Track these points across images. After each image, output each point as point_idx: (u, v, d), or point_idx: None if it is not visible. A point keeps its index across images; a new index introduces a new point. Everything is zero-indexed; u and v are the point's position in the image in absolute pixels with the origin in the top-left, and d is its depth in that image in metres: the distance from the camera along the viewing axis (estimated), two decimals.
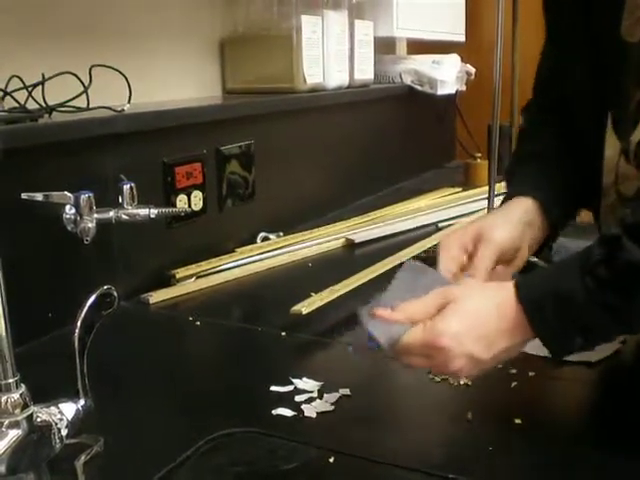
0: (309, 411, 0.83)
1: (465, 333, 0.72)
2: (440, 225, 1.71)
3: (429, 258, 1.00)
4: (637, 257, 0.68)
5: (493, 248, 0.87)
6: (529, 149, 1.04)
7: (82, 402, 0.71)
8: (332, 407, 0.85)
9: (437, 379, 0.91)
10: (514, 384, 0.89)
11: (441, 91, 2.27)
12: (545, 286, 0.73)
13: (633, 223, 0.71)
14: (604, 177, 0.90)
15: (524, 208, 0.92)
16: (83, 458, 0.72)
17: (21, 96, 1.13)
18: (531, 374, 0.91)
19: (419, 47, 2.56)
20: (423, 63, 2.29)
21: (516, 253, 0.90)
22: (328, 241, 1.58)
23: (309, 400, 0.86)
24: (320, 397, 0.87)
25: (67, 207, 1.05)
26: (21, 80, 1.13)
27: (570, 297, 0.70)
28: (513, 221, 0.90)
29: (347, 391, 0.88)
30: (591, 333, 0.72)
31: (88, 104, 1.20)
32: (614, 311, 0.69)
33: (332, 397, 0.87)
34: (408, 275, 0.81)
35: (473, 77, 2.46)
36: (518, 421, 0.80)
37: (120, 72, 1.24)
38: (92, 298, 0.70)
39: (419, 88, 2.27)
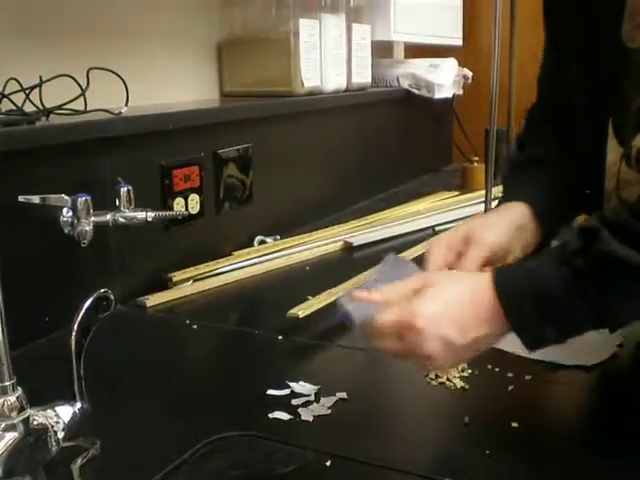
0: (306, 414, 0.83)
1: (440, 315, 0.71)
2: (437, 228, 1.71)
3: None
4: (613, 248, 0.68)
5: (482, 249, 0.88)
6: (527, 153, 1.04)
7: (79, 405, 0.71)
8: (329, 411, 0.85)
9: (434, 382, 0.91)
10: (511, 388, 0.89)
11: (438, 95, 2.28)
12: (521, 276, 0.73)
13: (611, 217, 0.71)
14: (606, 182, 0.90)
15: (517, 213, 0.93)
16: (80, 461, 0.72)
17: (18, 99, 1.13)
18: (528, 378, 0.92)
19: (416, 51, 2.56)
20: (420, 67, 2.29)
21: (505, 256, 0.91)
22: (326, 244, 1.58)
23: (306, 403, 0.86)
24: (317, 401, 0.87)
25: (64, 210, 1.06)
26: (18, 83, 1.13)
27: (546, 288, 0.70)
28: (504, 224, 0.91)
29: (344, 395, 0.88)
30: (566, 324, 0.71)
31: (85, 107, 1.20)
32: (590, 302, 0.69)
33: (329, 401, 0.87)
34: (388, 267, 0.82)
35: (470, 81, 2.46)
36: (515, 425, 0.80)
37: (118, 75, 1.24)
38: (89, 301, 0.70)
39: (416, 92, 2.27)
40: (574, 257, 0.70)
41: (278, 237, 1.59)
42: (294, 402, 0.86)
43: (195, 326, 1.14)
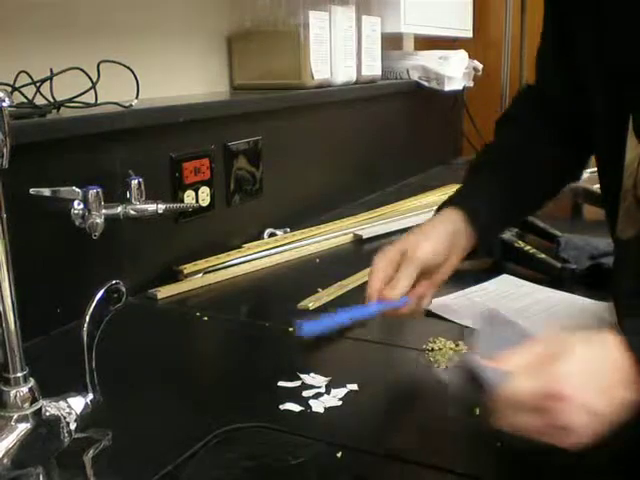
0: (317, 406, 0.84)
1: (587, 382, 0.63)
2: None
3: None
4: None
5: (415, 264, 0.93)
6: (488, 153, 1.09)
7: (90, 396, 0.71)
8: (340, 402, 0.85)
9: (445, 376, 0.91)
10: None
11: (448, 87, 2.27)
12: None
13: None
14: (624, 180, 0.88)
15: (450, 219, 0.98)
16: (91, 452, 0.72)
17: (29, 91, 1.13)
18: None
19: (426, 43, 2.56)
20: (430, 59, 2.28)
21: (441, 264, 0.96)
22: (336, 237, 1.58)
23: (317, 395, 0.86)
24: (328, 392, 0.87)
25: (75, 202, 1.06)
26: (29, 75, 1.14)
27: None
28: (437, 235, 0.96)
29: (355, 386, 0.88)
30: None
31: (96, 99, 1.20)
32: None
33: (340, 392, 0.87)
34: (489, 326, 0.75)
35: (480, 73, 2.45)
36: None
37: (128, 68, 1.24)
38: (100, 293, 0.70)
39: (426, 84, 2.27)
40: None
41: (288, 230, 1.59)
42: (305, 394, 0.87)
43: (206, 318, 1.14)
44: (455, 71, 2.28)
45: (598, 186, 1.12)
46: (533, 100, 1.08)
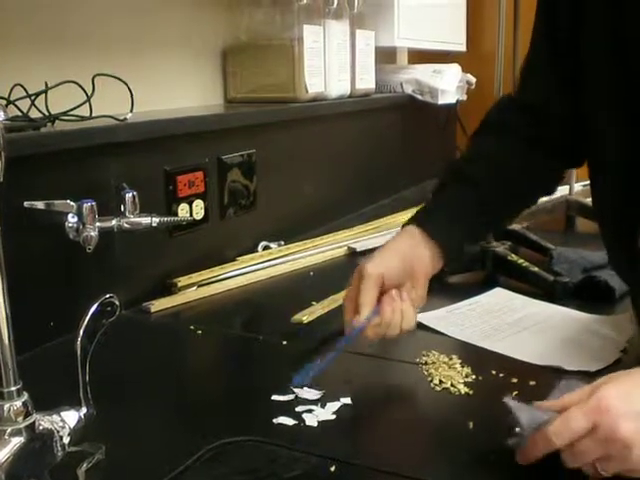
0: (310, 420, 0.84)
1: (630, 393, 0.65)
2: None
3: None
4: None
5: (370, 280, 0.94)
6: (458, 168, 1.12)
7: (84, 410, 0.71)
8: (333, 416, 0.85)
9: (438, 388, 0.91)
10: (515, 393, 0.89)
11: (442, 100, 2.28)
12: None
13: None
14: None
15: (408, 233, 1.00)
16: (85, 466, 0.72)
17: (24, 105, 1.14)
18: (532, 383, 0.92)
19: (420, 57, 2.57)
20: (424, 73, 2.29)
21: (409, 277, 0.96)
22: (330, 250, 1.58)
23: (310, 409, 0.86)
24: (322, 406, 0.87)
25: (69, 215, 1.06)
26: (24, 89, 1.14)
27: None
28: (389, 250, 0.98)
29: (348, 400, 0.88)
30: None
31: (91, 113, 1.21)
32: None
33: (333, 406, 0.87)
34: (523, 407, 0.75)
35: (474, 87, 2.46)
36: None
37: (123, 81, 1.25)
38: (94, 306, 0.70)
39: (420, 97, 2.27)
40: None
41: (282, 243, 1.59)
42: (298, 408, 0.87)
43: (199, 331, 1.14)
44: (449, 84, 2.29)
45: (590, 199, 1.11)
46: (516, 110, 1.07)
